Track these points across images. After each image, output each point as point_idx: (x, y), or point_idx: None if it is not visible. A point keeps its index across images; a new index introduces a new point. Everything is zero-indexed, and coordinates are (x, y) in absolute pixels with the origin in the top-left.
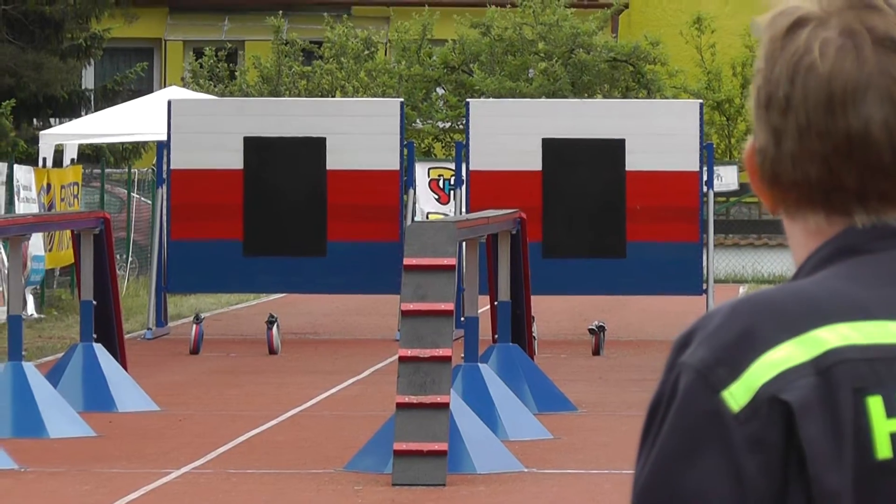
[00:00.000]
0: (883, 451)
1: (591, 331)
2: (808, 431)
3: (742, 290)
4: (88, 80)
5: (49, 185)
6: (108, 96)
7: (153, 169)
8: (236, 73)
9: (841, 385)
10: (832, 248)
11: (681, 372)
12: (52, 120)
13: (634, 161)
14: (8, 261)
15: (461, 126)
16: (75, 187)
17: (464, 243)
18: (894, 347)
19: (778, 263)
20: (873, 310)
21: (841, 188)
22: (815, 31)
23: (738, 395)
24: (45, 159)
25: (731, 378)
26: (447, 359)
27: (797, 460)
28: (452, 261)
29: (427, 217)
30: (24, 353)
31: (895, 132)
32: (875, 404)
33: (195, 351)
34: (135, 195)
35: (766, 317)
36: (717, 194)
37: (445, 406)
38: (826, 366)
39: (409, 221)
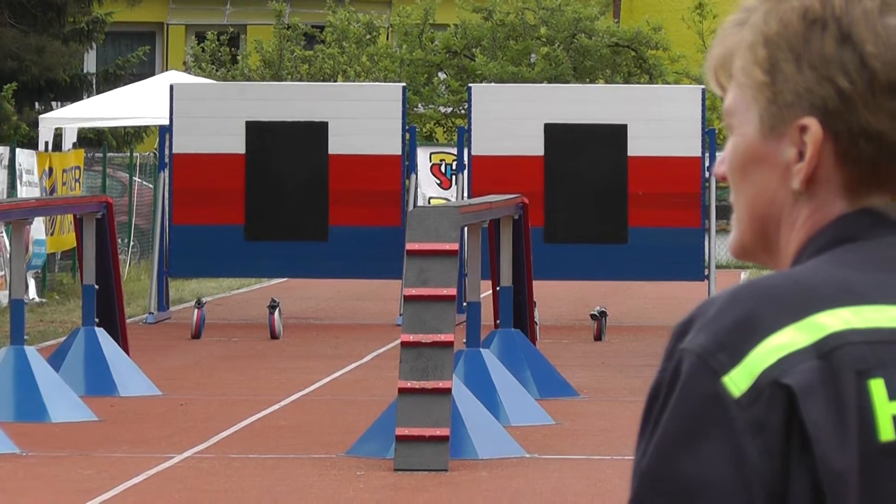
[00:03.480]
0: (886, 433)
1: (592, 316)
2: (811, 414)
3: (743, 275)
4: (90, 63)
5: (51, 170)
6: (109, 80)
7: (155, 153)
8: (238, 58)
9: (843, 368)
10: (830, 235)
11: (682, 358)
12: (53, 104)
13: (636, 146)
14: (10, 245)
15: (463, 111)
16: (77, 171)
17: (466, 228)
18: (895, 331)
19: None
20: (872, 294)
21: None
22: None
23: (738, 380)
24: (46, 143)
25: (731, 363)
26: (449, 344)
27: (799, 444)
28: (455, 246)
29: (429, 202)
30: (25, 337)
31: None
32: (877, 387)
33: (197, 335)
34: (136, 179)
35: (766, 302)
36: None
37: (447, 391)
38: (827, 349)
39: (410, 206)
